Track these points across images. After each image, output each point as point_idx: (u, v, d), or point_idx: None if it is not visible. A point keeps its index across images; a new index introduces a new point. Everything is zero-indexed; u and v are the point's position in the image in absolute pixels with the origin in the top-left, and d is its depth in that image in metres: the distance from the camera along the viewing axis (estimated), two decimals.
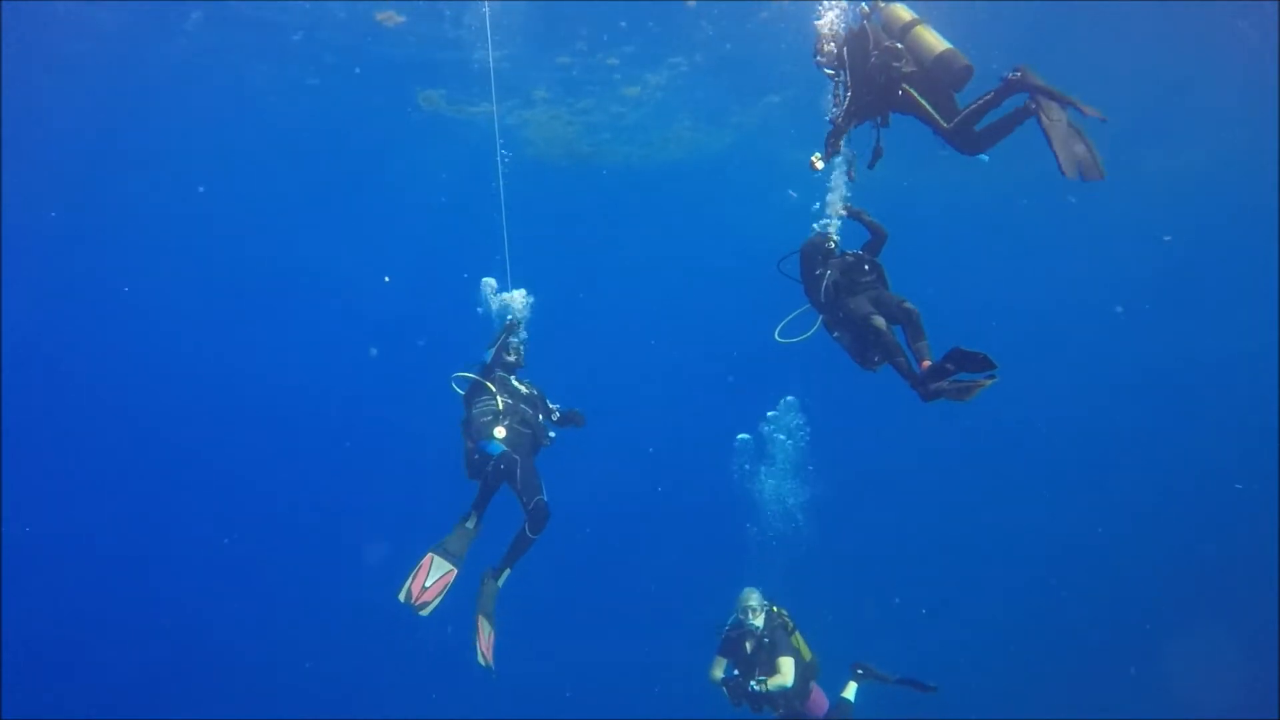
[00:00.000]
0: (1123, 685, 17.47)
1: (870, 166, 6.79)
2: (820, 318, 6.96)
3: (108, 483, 20.84)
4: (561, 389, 8.29)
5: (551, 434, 7.84)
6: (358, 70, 15.61)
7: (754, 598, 8.17)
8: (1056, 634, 19.18)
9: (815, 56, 6.96)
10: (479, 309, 8.23)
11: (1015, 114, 6.10)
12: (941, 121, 6.26)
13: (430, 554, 7.20)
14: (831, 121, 6.69)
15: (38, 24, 13.77)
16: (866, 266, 6.78)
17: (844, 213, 7.08)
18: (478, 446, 7.36)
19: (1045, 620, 19.47)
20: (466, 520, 7.49)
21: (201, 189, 18.93)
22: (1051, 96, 5.87)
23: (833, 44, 6.81)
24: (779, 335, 7.13)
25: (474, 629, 7.11)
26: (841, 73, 6.67)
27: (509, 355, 7.93)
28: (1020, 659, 18.65)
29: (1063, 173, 5.69)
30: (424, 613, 7.05)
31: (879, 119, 6.72)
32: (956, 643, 18.62)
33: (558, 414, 8.01)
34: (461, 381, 7.72)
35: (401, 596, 7.02)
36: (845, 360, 6.78)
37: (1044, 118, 5.83)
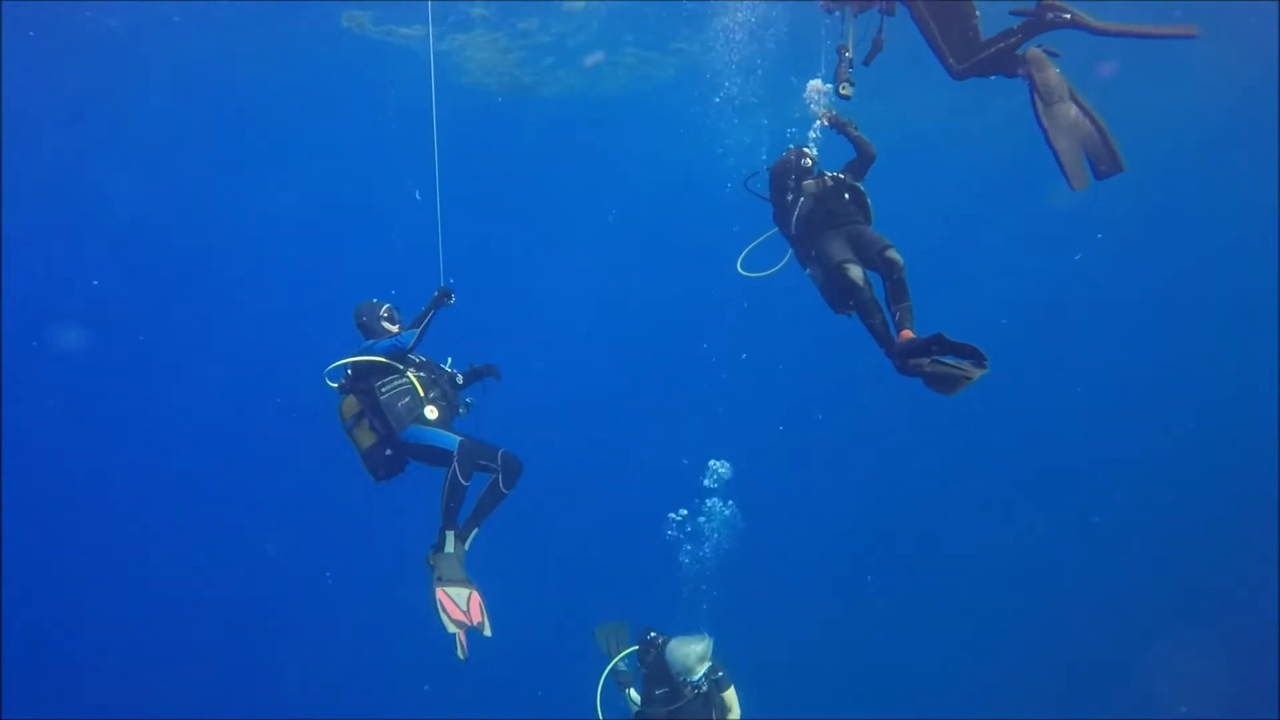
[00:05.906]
0: (1122, 685, 17.39)
1: (866, 62, 5.96)
2: (790, 250, 6.21)
3: (108, 483, 20.07)
4: (495, 341, 7.44)
5: (469, 400, 7.09)
6: None
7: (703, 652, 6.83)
8: (1054, 634, 19.03)
9: None
10: None
11: (1014, 57, 5.26)
12: (949, 55, 5.41)
13: (438, 589, 6.32)
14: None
15: None
16: (847, 194, 5.95)
17: (826, 121, 6.23)
18: (396, 437, 6.47)
19: (1043, 620, 19.30)
20: (444, 545, 6.49)
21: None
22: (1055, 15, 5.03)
23: None
24: (741, 267, 6.39)
25: (436, 607, 6.24)
26: None
27: (392, 325, 6.96)
28: (1017, 660, 18.50)
29: (1071, 186, 5.00)
30: (486, 633, 6.34)
31: (883, 4, 5.85)
32: (952, 645, 18.57)
33: (461, 377, 7.12)
34: (336, 374, 6.70)
35: (453, 629, 6.20)
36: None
37: (1038, 100, 5.06)
